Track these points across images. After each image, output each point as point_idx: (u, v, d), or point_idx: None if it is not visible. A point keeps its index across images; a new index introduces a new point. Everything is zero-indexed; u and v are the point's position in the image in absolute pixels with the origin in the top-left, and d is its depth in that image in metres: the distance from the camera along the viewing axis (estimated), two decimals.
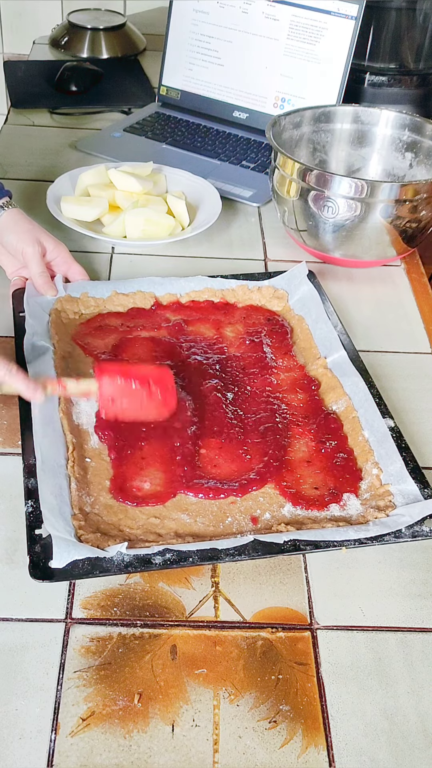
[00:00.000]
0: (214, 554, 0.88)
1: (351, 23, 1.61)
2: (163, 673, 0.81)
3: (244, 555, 0.88)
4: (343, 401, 1.09)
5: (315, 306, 1.24)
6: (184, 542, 0.90)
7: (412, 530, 0.91)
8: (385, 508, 0.95)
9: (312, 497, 0.98)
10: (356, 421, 1.06)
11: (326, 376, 1.13)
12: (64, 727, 0.76)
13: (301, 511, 0.96)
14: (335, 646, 0.85)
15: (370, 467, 1.00)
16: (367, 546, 0.91)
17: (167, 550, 0.88)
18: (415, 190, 1.29)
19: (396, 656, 0.84)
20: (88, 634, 0.84)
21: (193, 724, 0.77)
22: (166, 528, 0.94)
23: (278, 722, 0.78)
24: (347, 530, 0.91)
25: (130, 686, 0.80)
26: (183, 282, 1.29)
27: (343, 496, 0.98)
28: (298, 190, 1.34)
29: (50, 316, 1.21)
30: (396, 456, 1.00)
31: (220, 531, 0.94)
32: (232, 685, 0.81)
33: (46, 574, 0.84)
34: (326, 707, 0.80)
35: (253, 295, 1.29)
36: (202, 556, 0.88)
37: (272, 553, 0.89)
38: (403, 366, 1.21)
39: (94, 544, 0.89)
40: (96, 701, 0.78)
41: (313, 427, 1.07)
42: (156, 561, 0.87)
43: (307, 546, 0.90)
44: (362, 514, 0.96)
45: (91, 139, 1.75)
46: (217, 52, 1.78)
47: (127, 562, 0.87)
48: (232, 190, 1.58)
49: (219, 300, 1.29)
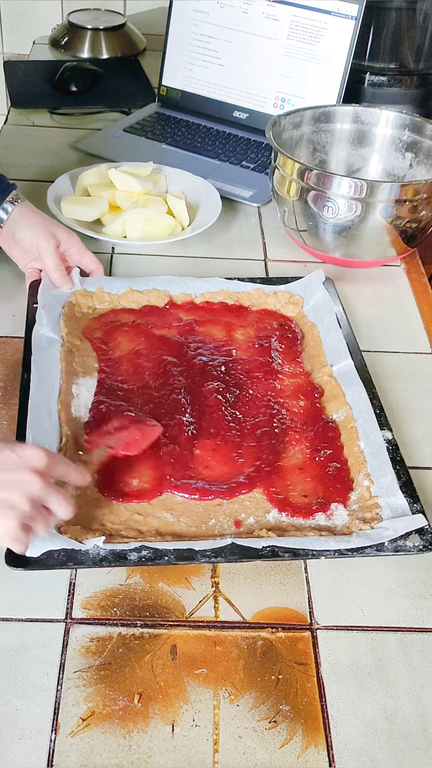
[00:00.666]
0: (190, 554, 0.88)
1: (351, 23, 1.61)
2: (163, 673, 0.81)
3: (221, 557, 0.88)
4: (343, 410, 1.08)
5: (328, 314, 1.23)
6: (163, 540, 0.90)
7: (395, 544, 0.90)
8: (371, 520, 0.94)
9: (299, 504, 0.97)
10: (354, 432, 1.05)
11: (330, 384, 1.13)
12: (64, 727, 0.76)
13: (286, 517, 0.96)
14: (335, 646, 0.85)
15: (361, 478, 0.99)
16: (346, 557, 0.90)
17: (144, 547, 0.88)
18: (415, 190, 1.29)
19: (396, 656, 0.84)
20: (88, 634, 0.84)
21: (193, 724, 0.77)
22: (148, 525, 0.94)
23: (278, 722, 0.78)
24: (328, 540, 0.90)
25: (130, 686, 0.80)
26: (199, 282, 1.29)
27: (331, 506, 0.97)
28: (298, 190, 1.34)
29: (63, 309, 1.21)
30: (388, 468, 0.99)
31: (202, 532, 0.94)
32: (232, 685, 0.81)
33: (20, 562, 0.85)
34: (326, 707, 0.80)
35: (268, 299, 1.29)
36: (178, 556, 0.88)
37: (249, 558, 0.89)
38: (403, 366, 1.21)
39: (73, 536, 0.89)
40: (96, 701, 0.78)
41: (310, 435, 1.07)
42: (131, 557, 0.87)
43: (285, 553, 0.89)
44: (347, 525, 0.94)
45: (91, 139, 1.75)
46: (217, 52, 1.78)
47: (102, 557, 0.87)
48: (232, 190, 1.58)
49: (233, 302, 1.28)
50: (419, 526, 0.91)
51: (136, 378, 1.13)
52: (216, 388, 1.11)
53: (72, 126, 1.83)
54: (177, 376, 1.13)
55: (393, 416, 1.09)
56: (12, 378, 1.12)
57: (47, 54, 2.24)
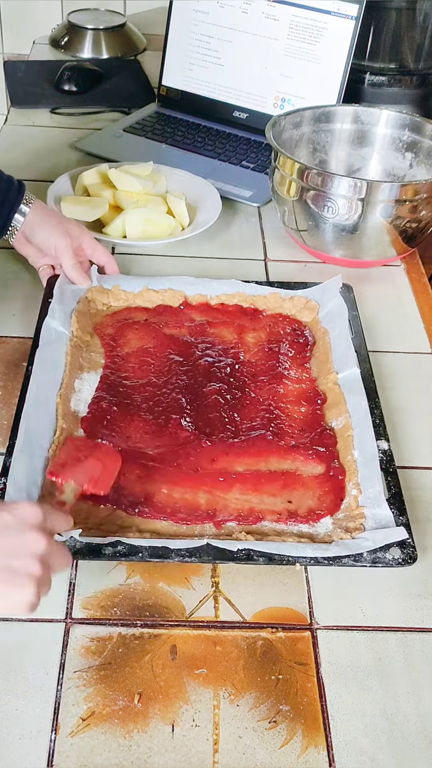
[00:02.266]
0: (165, 552, 0.88)
1: (351, 23, 1.61)
2: (163, 673, 0.81)
3: (195, 557, 0.88)
4: (343, 418, 1.07)
5: (341, 320, 1.22)
6: (141, 537, 0.90)
7: (373, 556, 0.89)
8: (354, 530, 0.93)
9: (281, 510, 0.97)
10: (349, 440, 1.04)
11: (333, 391, 1.12)
12: (64, 727, 0.76)
13: (268, 522, 0.95)
14: (335, 646, 0.85)
15: (350, 488, 0.98)
16: (322, 566, 0.89)
17: (119, 543, 0.88)
18: (415, 190, 1.29)
19: (396, 656, 0.84)
20: (88, 634, 0.84)
21: (193, 724, 0.77)
22: (130, 521, 0.94)
23: (278, 722, 0.78)
24: (305, 547, 0.90)
25: (130, 686, 0.80)
26: (215, 284, 1.29)
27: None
28: (298, 190, 1.34)
29: (77, 305, 1.22)
30: (377, 479, 0.97)
31: (182, 531, 0.93)
32: (232, 685, 0.81)
33: None
34: (326, 707, 0.80)
35: (284, 303, 1.28)
36: (152, 553, 0.88)
37: (223, 560, 0.88)
38: (403, 366, 1.21)
39: None
40: (96, 701, 0.78)
41: (306, 442, 1.06)
42: (106, 552, 0.87)
43: (260, 557, 0.88)
44: (329, 533, 0.94)
45: (91, 139, 1.74)
46: (217, 52, 1.78)
47: (77, 549, 0.87)
48: (232, 190, 1.58)
49: (249, 305, 1.28)
50: (400, 539, 0.90)
51: (140, 375, 1.13)
52: (217, 390, 1.11)
53: (72, 126, 1.83)
54: (180, 375, 1.13)
55: (392, 416, 1.09)
56: (12, 378, 1.13)
57: (47, 54, 2.24)
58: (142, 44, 2.28)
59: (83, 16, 2.27)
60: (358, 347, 1.17)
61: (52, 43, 2.27)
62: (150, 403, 1.09)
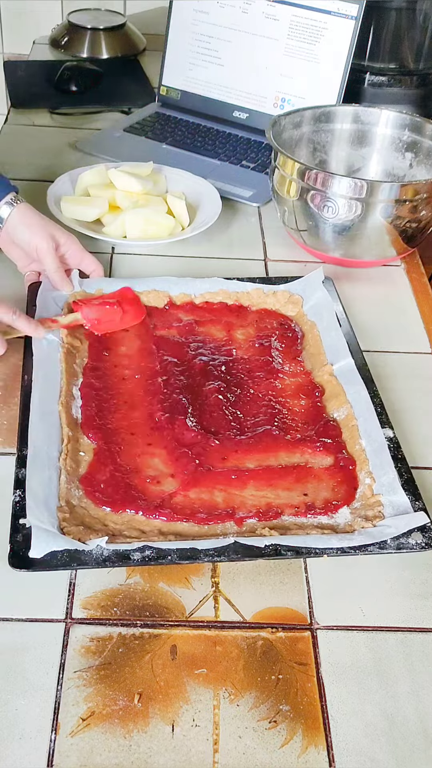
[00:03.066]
0: (194, 554, 0.88)
1: (351, 23, 1.61)
2: (163, 673, 0.81)
3: (224, 557, 0.88)
4: (344, 409, 1.08)
5: (327, 313, 1.23)
6: (166, 540, 0.90)
7: (397, 542, 0.90)
8: (373, 518, 0.94)
9: (300, 503, 0.97)
10: (355, 430, 1.05)
11: (331, 383, 1.12)
12: (64, 727, 0.76)
13: (287, 516, 0.96)
14: (335, 646, 0.85)
15: (363, 477, 0.99)
16: (349, 555, 0.90)
17: (147, 547, 0.88)
18: (415, 190, 1.29)
19: (396, 656, 0.84)
20: (88, 634, 0.84)
21: (193, 724, 0.77)
22: (151, 525, 0.93)
23: (278, 722, 0.78)
24: (330, 538, 0.90)
25: (130, 686, 0.80)
26: (198, 283, 1.29)
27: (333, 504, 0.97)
28: (298, 190, 1.34)
29: (63, 311, 1.21)
30: (390, 467, 0.99)
31: (204, 531, 0.93)
32: (232, 685, 0.81)
33: (24, 563, 0.85)
34: (326, 707, 0.80)
35: (268, 299, 1.29)
36: (181, 555, 0.88)
37: (252, 557, 0.89)
38: (403, 366, 1.21)
39: (76, 536, 0.89)
40: (96, 701, 0.78)
41: (311, 434, 1.07)
42: (134, 557, 0.87)
43: (288, 552, 0.89)
44: (350, 523, 0.95)
45: (91, 139, 1.75)
46: (217, 52, 1.78)
47: (105, 557, 0.87)
48: (232, 190, 1.58)
49: (233, 302, 1.28)
50: (421, 524, 0.92)
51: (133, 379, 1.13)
52: (217, 388, 1.11)
53: (72, 126, 1.83)
54: (178, 375, 1.13)
55: (393, 416, 1.09)
56: (12, 377, 1.12)
57: (47, 54, 2.24)
58: (142, 44, 2.28)
59: (83, 16, 2.27)
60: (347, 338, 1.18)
61: (52, 43, 2.27)
62: (155, 405, 1.09)
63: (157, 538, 0.91)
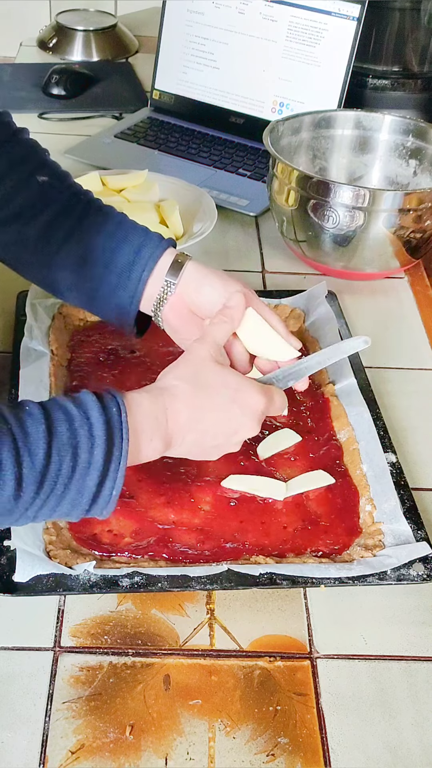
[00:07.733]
0: (185, 581, 0.89)
1: (352, 24, 1.63)
2: (155, 704, 0.82)
3: (216, 584, 0.89)
4: (346, 431, 1.09)
5: (330, 329, 1.24)
6: (156, 566, 0.91)
7: (398, 573, 0.91)
8: (373, 547, 0.94)
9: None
10: (356, 454, 1.05)
11: (332, 403, 1.13)
12: (52, 761, 0.77)
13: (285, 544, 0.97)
14: (336, 676, 0.86)
15: (364, 503, 1.00)
16: (347, 586, 0.91)
17: (136, 573, 0.89)
18: (420, 199, 1.30)
19: (399, 686, 0.85)
20: (77, 663, 0.85)
21: (187, 757, 0.78)
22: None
23: (276, 755, 0.79)
24: (328, 568, 0.91)
25: (121, 718, 0.81)
26: None
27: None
28: (297, 199, 1.35)
29: (52, 321, 1.22)
30: (392, 493, 0.99)
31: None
32: (228, 716, 0.81)
33: (8, 587, 0.86)
34: (326, 739, 0.80)
35: None
36: (172, 583, 0.89)
37: (246, 585, 0.90)
38: (406, 383, 1.22)
39: (62, 561, 0.89)
40: (86, 733, 0.79)
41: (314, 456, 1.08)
42: (123, 583, 0.88)
43: (283, 581, 0.90)
44: (348, 552, 0.95)
45: (81, 146, 1.76)
46: (212, 54, 1.79)
47: (93, 582, 0.88)
48: (228, 199, 1.59)
49: None
50: (423, 554, 0.92)
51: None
52: None
53: (61, 132, 1.84)
54: None
55: (396, 435, 1.10)
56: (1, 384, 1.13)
57: (34, 56, 2.26)
58: (134, 46, 2.30)
59: (72, 16, 2.28)
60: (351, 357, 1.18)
61: (40, 45, 2.29)
62: None
63: (147, 563, 0.92)
